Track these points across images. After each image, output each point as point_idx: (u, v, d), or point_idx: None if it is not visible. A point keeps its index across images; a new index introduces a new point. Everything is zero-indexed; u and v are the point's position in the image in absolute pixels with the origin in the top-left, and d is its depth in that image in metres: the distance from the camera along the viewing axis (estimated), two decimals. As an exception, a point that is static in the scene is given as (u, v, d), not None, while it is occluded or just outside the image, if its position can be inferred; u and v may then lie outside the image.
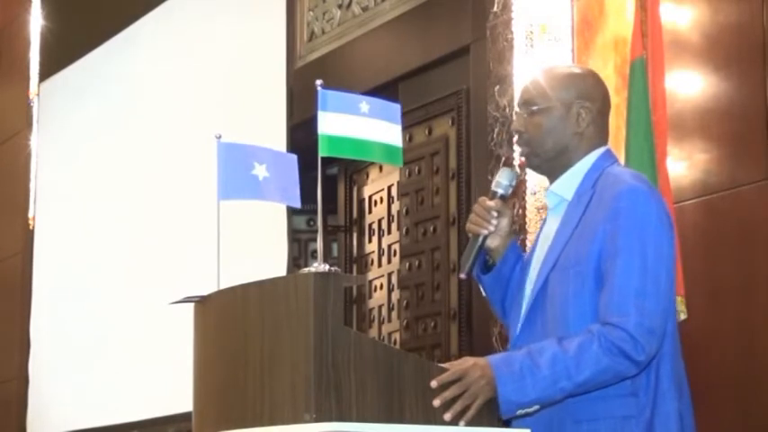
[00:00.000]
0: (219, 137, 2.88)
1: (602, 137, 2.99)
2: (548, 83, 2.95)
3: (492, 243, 2.99)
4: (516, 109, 3.03)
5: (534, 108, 2.94)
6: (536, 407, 2.73)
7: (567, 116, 2.93)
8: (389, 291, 6.64)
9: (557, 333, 2.78)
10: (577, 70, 3.09)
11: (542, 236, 3.00)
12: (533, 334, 2.86)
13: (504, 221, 2.99)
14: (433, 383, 2.64)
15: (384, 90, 6.04)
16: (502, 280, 3.04)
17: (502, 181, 3.00)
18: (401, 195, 6.48)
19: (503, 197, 3.00)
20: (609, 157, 2.98)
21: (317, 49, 6.77)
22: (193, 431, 2.88)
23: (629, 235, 2.78)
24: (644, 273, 2.75)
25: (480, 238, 2.96)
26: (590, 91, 2.97)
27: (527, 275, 2.98)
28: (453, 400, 2.64)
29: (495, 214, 2.96)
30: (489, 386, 2.67)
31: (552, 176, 2.98)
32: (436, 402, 2.63)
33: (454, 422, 2.63)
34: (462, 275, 2.97)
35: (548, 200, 3.00)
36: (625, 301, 2.73)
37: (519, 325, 2.92)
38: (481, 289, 3.11)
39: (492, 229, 2.96)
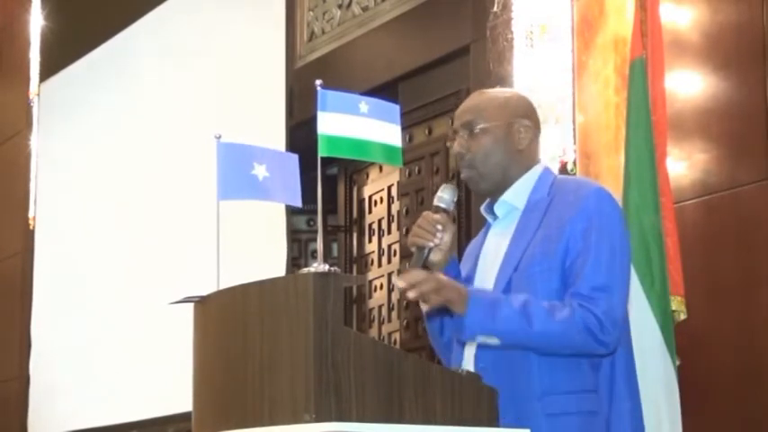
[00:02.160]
0: (219, 137, 2.89)
1: (538, 155, 3.09)
2: (486, 104, 3.04)
3: (434, 258, 3.01)
4: (457, 131, 3.06)
5: (477, 129, 3.01)
6: (495, 340, 2.78)
7: (508, 135, 3.02)
8: (389, 291, 6.64)
9: None
10: (511, 92, 3.21)
11: (488, 244, 3.05)
12: None
13: (448, 236, 3.01)
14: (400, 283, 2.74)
15: (384, 90, 6.05)
16: None
17: (444, 196, 3.03)
18: (401, 195, 6.49)
19: (446, 212, 3.02)
20: (551, 170, 3.10)
21: (317, 49, 6.77)
22: (193, 431, 2.88)
23: (599, 233, 2.88)
24: (612, 270, 2.87)
25: (426, 251, 2.99)
26: (527, 110, 3.08)
27: (472, 285, 3.01)
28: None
29: (439, 228, 2.99)
30: (461, 297, 2.76)
31: (494, 194, 3.05)
32: (399, 283, 2.74)
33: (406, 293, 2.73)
34: None
35: (497, 210, 3.05)
36: (594, 293, 2.83)
37: None
38: (421, 303, 3.12)
39: (437, 242, 2.99)
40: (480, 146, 3.00)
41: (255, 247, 6.18)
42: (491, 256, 3.02)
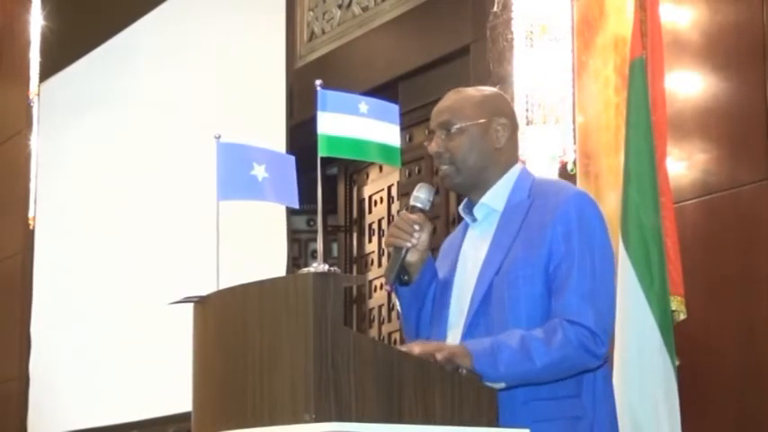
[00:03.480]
0: (219, 137, 2.89)
1: (516, 153, 3.08)
2: (462, 103, 3.04)
3: (411, 258, 3.00)
4: (433, 131, 3.05)
5: (453, 129, 3.00)
6: (502, 384, 2.76)
7: (485, 133, 3.01)
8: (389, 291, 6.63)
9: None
10: (488, 90, 3.17)
11: (467, 247, 3.04)
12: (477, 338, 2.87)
13: (424, 236, 3.00)
14: (416, 346, 2.70)
15: (384, 90, 6.05)
16: (420, 295, 3.06)
17: (420, 195, 3.02)
18: (401, 195, 6.49)
19: (422, 211, 3.02)
20: (529, 171, 3.07)
21: (317, 49, 6.77)
22: (193, 431, 2.88)
23: (581, 239, 2.87)
24: (595, 275, 2.86)
25: (403, 251, 2.98)
26: (504, 109, 3.07)
27: (451, 287, 3.01)
28: (452, 398, 2.67)
29: (416, 228, 2.98)
30: (463, 350, 2.74)
31: (471, 193, 3.04)
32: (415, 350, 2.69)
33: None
34: (387, 287, 3.02)
35: (476, 213, 3.04)
36: (582, 302, 2.82)
37: (460, 331, 2.93)
38: (397, 303, 3.13)
39: (414, 242, 2.98)
40: (457, 145, 2.99)
41: (255, 247, 6.18)
42: (471, 260, 3.00)
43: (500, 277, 2.90)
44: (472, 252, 3.01)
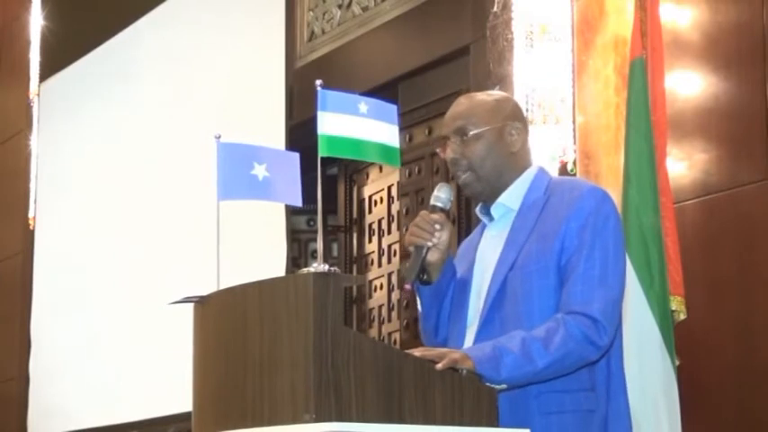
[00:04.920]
0: (219, 137, 2.89)
1: (530, 156, 3.10)
2: (476, 109, 3.04)
3: (431, 257, 3.01)
4: (447, 137, 3.06)
5: (470, 135, 3.01)
6: (503, 386, 2.77)
7: (501, 138, 3.03)
8: (389, 291, 6.64)
9: (519, 329, 2.84)
10: (498, 94, 3.19)
11: (484, 246, 3.06)
12: (492, 334, 2.89)
13: (445, 235, 3.01)
14: (416, 352, 2.70)
15: (384, 90, 6.05)
16: (440, 294, 3.07)
17: (441, 195, 3.03)
18: (401, 195, 6.49)
19: (443, 211, 3.03)
20: (545, 171, 3.10)
21: (317, 49, 6.78)
22: (193, 431, 2.88)
23: (594, 231, 2.89)
24: (605, 265, 2.87)
25: (424, 251, 2.99)
26: (516, 112, 3.09)
27: (470, 286, 3.02)
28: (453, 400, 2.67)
29: (437, 227, 2.99)
30: (463, 355, 2.74)
31: (490, 199, 3.06)
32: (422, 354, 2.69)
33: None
34: (407, 286, 3.03)
35: (493, 212, 3.06)
36: (589, 290, 2.84)
37: (476, 328, 2.95)
38: (418, 302, 3.14)
39: (436, 241, 2.99)
40: (474, 151, 3.01)
41: (255, 247, 6.18)
42: (487, 258, 3.02)
43: (514, 272, 2.92)
44: (489, 251, 3.03)
